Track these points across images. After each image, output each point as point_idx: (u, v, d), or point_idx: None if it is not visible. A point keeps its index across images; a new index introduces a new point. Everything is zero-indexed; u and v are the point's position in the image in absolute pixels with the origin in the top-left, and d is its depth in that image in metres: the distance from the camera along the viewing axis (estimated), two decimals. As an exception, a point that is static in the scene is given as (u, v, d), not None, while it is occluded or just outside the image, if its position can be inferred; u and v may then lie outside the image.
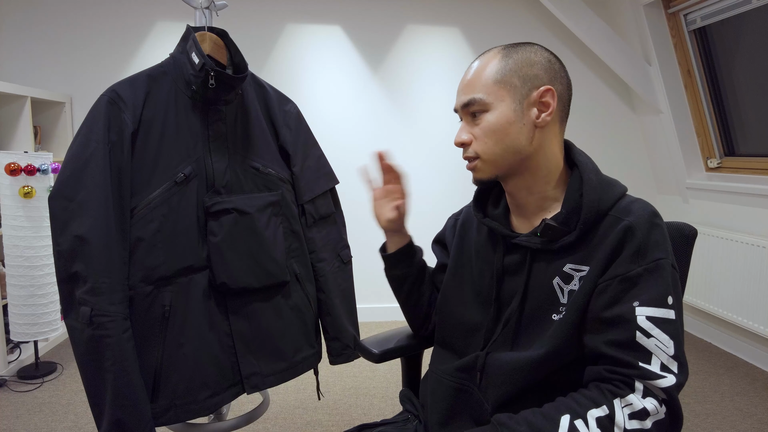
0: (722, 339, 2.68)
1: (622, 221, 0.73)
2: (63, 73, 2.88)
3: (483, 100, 0.79)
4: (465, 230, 0.96)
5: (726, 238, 2.50)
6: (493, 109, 0.79)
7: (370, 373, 2.42)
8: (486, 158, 0.81)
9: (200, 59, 1.07)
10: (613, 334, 0.69)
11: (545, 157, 0.81)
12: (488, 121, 0.79)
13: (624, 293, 0.70)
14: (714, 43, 2.60)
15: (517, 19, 3.16)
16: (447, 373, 0.88)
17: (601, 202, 0.76)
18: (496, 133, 0.79)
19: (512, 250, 0.84)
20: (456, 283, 0.93)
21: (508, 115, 0.78)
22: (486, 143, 0.80)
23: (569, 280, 0.76)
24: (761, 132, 2.50)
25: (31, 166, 2.10)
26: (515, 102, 0.78)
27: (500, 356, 0.81)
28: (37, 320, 2.17)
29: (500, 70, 0.79)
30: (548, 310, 0.77)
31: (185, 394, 1.11)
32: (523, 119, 0.78)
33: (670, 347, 0.67)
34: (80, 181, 1.01)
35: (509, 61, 0.79)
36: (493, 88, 0.79)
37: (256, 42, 2.98)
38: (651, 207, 0.76)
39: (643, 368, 0.67)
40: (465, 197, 3.22)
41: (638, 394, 0.67)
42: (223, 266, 1.14)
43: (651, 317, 0.68)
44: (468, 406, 0.84)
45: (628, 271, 0.71)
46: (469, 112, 0.82)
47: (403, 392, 1.07)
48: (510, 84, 0.78)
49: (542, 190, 0.82)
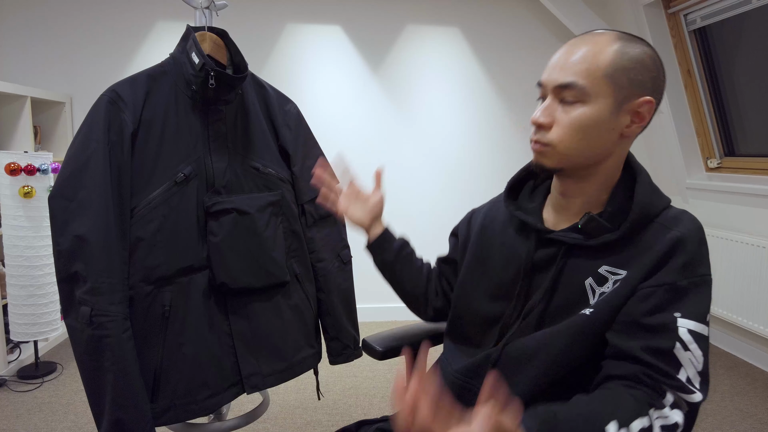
0: (722, 339, 2.68)
1: (671, 231, 0.71)
2: (63, 73, 2.88)
3: (585, 89, 0.71)
4: (489, 223, 0.93)
5: (726, 238, 2.50)
6: (592, 102, 0.72)
7: (370, 373, 2.42)
8: (561, 150, 0.74)
9: (200, 59, 1.07)
10: (653, 341, 0.68)
11: (613, 164, 0.77)
12: (582, 114, 0.72)
13: (669, 303, 0.68)
14: (714, 43, 2.60)
15: (517, 19, 3.16)
16: (455, 369, 0.87)
17: (651, 206, 0.74)
18: (584, 129, 0.72)
19: (545, 245, 0.80)
20: (476, 276, 0.90)
21: (603, 114, 0.72)
22: (570, 135, 0.73)
23: (603, 282, 0.73)
24: (761, 132, 2.50)
25: (31, 166, 2.10)
26: (615, 103, 0.72)
27: (515, 345, 0.79)
28: (37, 320, 2.17)
29: (614, 63, 0.71)
30: (575, 308, 0.75)
31: (185, 394, 1.11)
32: (614, 124, 0.73)
33: (700, 363, 0.67)
34: (80, 181, 1.01)
35: (625, 56, 0.71)
36: (600, 80, 0.71)
37: (256, 42, 2.98)
38: (698, 221, 0.74)
39: (680, 380, 0.66)
40: (465, 197, 3.23)
41: (668, 404, 0.65)
42: (223, 266, 1.14)
43: (692, 331, 0.67)
44: (471, 406, 0.83)
45: (675, 281, 0.69)
46: (563, 96, 0.74)
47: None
48: (618, 82, 0.71)
49: (594, 192, 0.78)
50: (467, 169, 3.24)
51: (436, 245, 3.22)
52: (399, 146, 3.16)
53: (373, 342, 1.11)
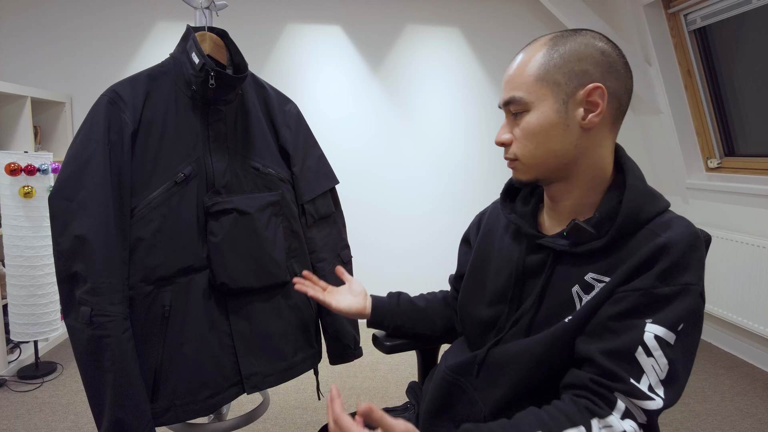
0: (722, 339, 2.68)
1: (659, 237, 0.68)
2: (63, 73, 2.88)
3: (523, 99, 0.72)
4: (490, 226, 0.93)
5: (726, 238, 2.50)
6: (534, 109, 0.72)
7: (370, 373, 2.42)
8: (526, 161, 0.75)
9: (200, 59, 1.07)
10: (613, 343, 0.65)
11: (591, 161, 0.74)
12: (528, 123, 0.73)
13: (640, 308, 0.66)
14: (714, 43, 2.60)
15: (517, 19, 3.16)
16: (447, 366, 0.88)
17: (641, 212, 0.71)
18: (536, 135, 0.73)
19: (536, 251, 0.79)
20: (475, 280, 0.90)
21: (549, 116, 0.72)
22: (526, 146, 0.74)
23: (590, 290, 0.71)
24: (761, 132, 2.50)
25: (31, 166, 2.10)
26: (558, 102, 0.71)
27: (500, 349, 0.79)
28: (37, 320, 2.17)
29: (543, 65, 0.71)
30: (562, 316, 0.73)
31: (185, 394, 1.11)
32: (567, 121, 0.71)
33: (664, 371, 0.63)
34: (80, 181, 1.01)
35: (554, 54, 0.71)
36: (534, 86, 0.72)
37: (256, 42, 2.98)
38: (694, 228, 0.70)
39: (633, 385, 0.63)
40: (465, 197, 3.23)
41: (618, 414, 0.63)
42: (223, 266, 1.14)
43: (659, 337, 0.64)
44: (459, 402, 0.84)
45: (652, 287, 0.66)
46: (510, 110, 0.75)
47: (411, 383, 1.09)
48: (553, 81, 0.71)
49: (583, 195, 0.76)
50: (467, 169, 3.24)
51: (436, 245, 3.23)
52: (399, 146, 3.16)
53: (382, 337, 1.12)
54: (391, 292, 1.09)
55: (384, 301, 1.05)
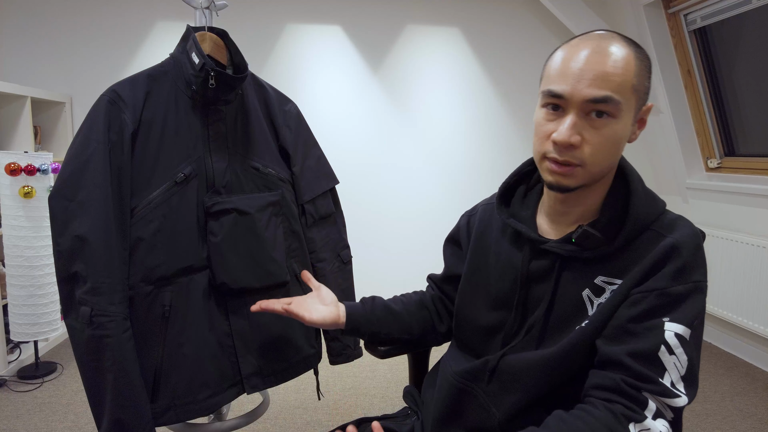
0: (722, 339, 2.68)
1: (666, 237, 0.70)
2: (63, 73, 2.88)
3: (621, 104, 0.66)
4: (483, 229, 0.91)
5: (726, 238, 2.50)
6: (620, 117, 0.67)
7: (370, 373, 2.42)
8: (592, 170, 0.70)
9: (200, 59, 1.07)
10: (637, 345, 0.66)
11: (611, 174, 0.75)
12: (614, 131, 0.67)
13: (658, 308, 0.67)
14: (714, 43, 2.60)
15: (517, 19, 3.16)
16: (455, 371, 0.87)
17: (646, 215, 0.72)
18: (614, 146, 0.68)
19: (540, 256, 0.78)
20: (473, 285, 0.89)
21: (627, 128, 0.69)
22: (601, 154, 0.68)
23: (600, 293, 0.72)
24: (761, 132, 2.50)
25: (31, 166, 2.10)
26: (633, 115, 0.69)
27: (514, 357, 0.78)
28: (37, 320, 2.17)
29: (638, 73, 0.67)
30: (574, 320, 0.74)
31: (185, 394, 1.11)
32: (629, 135, 0.70)
33: (684, 368, 0.65)
34: (80, 181, 1.01)
35: (641, 64, 0.67)
36: (629, 93, 0.67)
37: (256, 42, 2.98)
38: (695, 227, 0.72)
39: (663, 384, 0.64)
40: (465, 197, 3.22)
41: (650, 414, 0.64)
42: (223, 266, 1.14)
43: (679, 335, 0.66)
44: (470, 409, 0.82)
45: (667, 287, 0.67)
46: (592, 111, 0.67)
47: (407, 388, 1.07)
48: (639, 93, 0.68)
49: (590, 201, 0.76)
50: (467, 169, 3.24)
51: (435, 245, 3.23)
52: (399, 146, 3.16)
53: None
54: (365, 297, 1.02)
55: (357, 307, 0.98)
